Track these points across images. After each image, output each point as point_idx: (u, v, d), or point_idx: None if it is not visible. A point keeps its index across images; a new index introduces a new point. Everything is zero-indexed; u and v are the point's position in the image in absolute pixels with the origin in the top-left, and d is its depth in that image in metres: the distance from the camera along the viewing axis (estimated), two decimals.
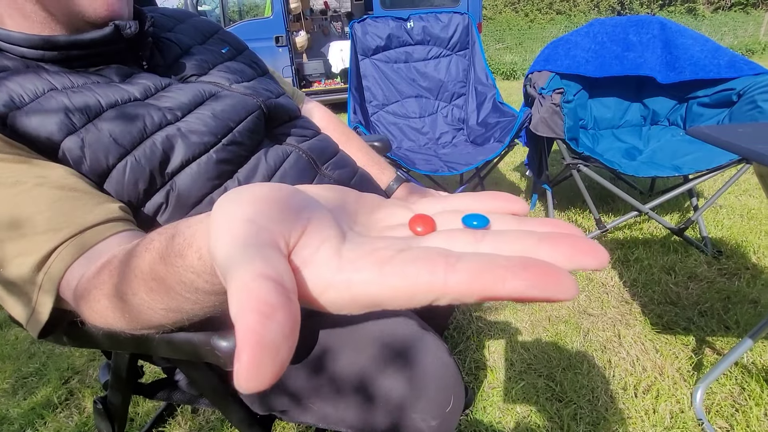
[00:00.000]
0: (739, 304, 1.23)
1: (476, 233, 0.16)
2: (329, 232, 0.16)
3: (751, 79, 1.40)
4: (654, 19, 1.68)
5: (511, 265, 0.13)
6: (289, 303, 0.12)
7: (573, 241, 0.14)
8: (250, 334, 0.11)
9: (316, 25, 5.07)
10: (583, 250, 0.14)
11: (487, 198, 0.19)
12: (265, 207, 0.15)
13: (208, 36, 0.61)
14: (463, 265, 0.13)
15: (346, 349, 0.49)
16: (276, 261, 0.14)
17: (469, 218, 0.17)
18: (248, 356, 0.11)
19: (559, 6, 11.37)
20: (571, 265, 0.14)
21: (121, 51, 0.47)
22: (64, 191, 0.37)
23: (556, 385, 1.01)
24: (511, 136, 1.60)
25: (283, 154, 0.54)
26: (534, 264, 0.13)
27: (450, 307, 0.88)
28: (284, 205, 0.16)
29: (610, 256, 0.15)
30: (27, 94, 0.40)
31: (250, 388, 0.11)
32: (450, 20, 2.02)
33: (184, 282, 0.21)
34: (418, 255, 0.14)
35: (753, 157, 0.59)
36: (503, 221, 0.18)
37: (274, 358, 0.11)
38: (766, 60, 7.58)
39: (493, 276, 0.13)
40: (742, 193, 1.98)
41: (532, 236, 0.15)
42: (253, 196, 0.16)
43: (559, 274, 0.13)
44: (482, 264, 0.13)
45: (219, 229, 0.15)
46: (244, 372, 0.11)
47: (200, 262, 0.19)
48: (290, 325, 0.12)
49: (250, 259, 0.13)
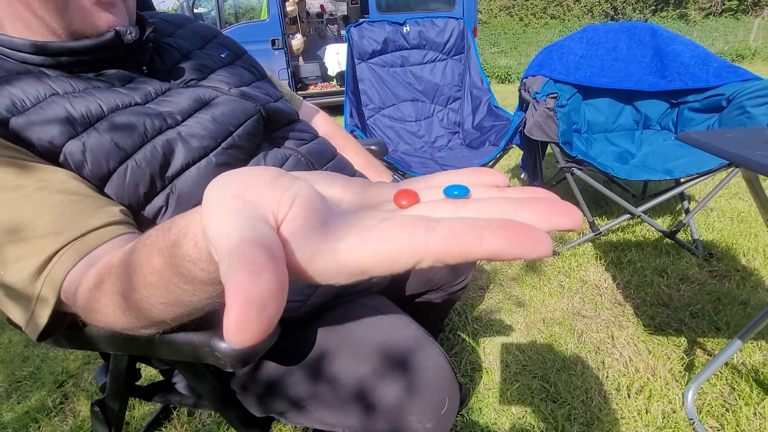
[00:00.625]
0: (730, 305, 1.25)
1: (457, 202, 0.17)
2: (316, 207, 0.16)
3: (739, 85, 1.43)
4: (646, 25, 1.71)
5: (489, 225, 0.14)
6: (276, 265, 0.13)
7: (549, 203, 0.15)
8: (238, 291, 0.12)
9: (312, 28, 5.08)
10: (559, 211, 0.15)
11: (470, 173, 0.20)
12: (253, 184, 0.16)
13: (207, 41, 0.62)
14: (442, 227, 0.14)
15: (344, 352, 0.50)
16: (265, 232, 0.14)
17: (450, 189, 0.18)
18: (237, 312, 0.12)
19: (553, 11, 11.49)
20: (547, 226, 0.15)
21: (121, 56, 0.48)
22: (66, 195, 0.38)
23: (550, 386, 1.02)
24: (506, 140, 1.62)
25: (281, 158, 0.55)
26: (511, 224, 0.14)
27: (445, 308, 0.89)
28: (272, 181, 0.16)
29: (582, 218, 0.15)
30: (29, 98, 0.40)
31: (240, 343, 0.12)
32: (446, 25, 2.04)
33: (182, 273, 0.21)
34: (400, 221, 0.15)
35: (739, 161, 0.61)
36: (483, 191, 0.19)
37: (260, 314, 0.12)
38: (755, 65, 7.70)
39: (471, 234, 0.13)
40: (732, 197, 2.02)
41: (510, 201, 0.16)
42: (243, 176, 0.17)
43: (534, 232, 0.13)
44: (461, 225, 0.14)
45: (211, 207, 0.16)
46: (233, 326, 0.12)
47: (195, 249, 0.19)
48: (278, 284, 0.12)
49: (239, 228, 0.14)
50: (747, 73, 1.48)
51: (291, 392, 0.51)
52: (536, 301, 1.36)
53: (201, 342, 0.39)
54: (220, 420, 0.98)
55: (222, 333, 0.12)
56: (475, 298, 1.39)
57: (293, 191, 0.16)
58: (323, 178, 0.20)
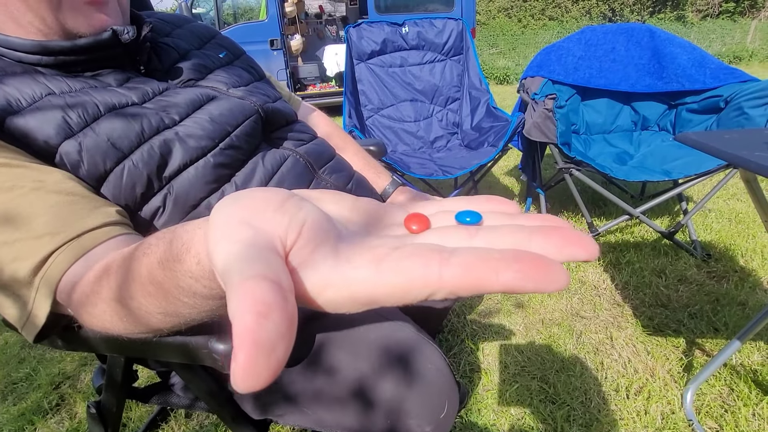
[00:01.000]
0: (728, 306, 1.25)
1: (469, 229, 0.17)
2: (326, 233, 0.16)
3: (737, 86, 1.43)
4: (644, 27, 1.72)
5: (503, 257, 0.13)
6: (286, 303, 0.13)
7: (563, 233, 0.15)
8: (246, 334, 0.11)
9: (311, 28, 5.08)
10: (574, 241, 0.15)
11: (481, 201, 0.20)
12: (261, 210, 0.16)
13: (205, 41, 0.61)
14: (456, 259, 0.14)
15: (343, 354, 0.50)
16: (273, 262, 0.14)
17: (462, 215, 0.18)
18: (245, 355, 0.11)
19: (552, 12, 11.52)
20: (562, 257, 0.14)
21: (118, 56, 0.47)
22: (62, 195, 0.38)
23: (549, 387, 1.02)
24: (504, 141, 1.62)
25: (280, 158, 0.55)
26: (526, 256, 0.13)
27: (444, 310, 0.89)
28: (280, 207, 0.16)
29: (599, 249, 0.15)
30: (24, 98, 0.40)
31: (247, 388, 0.11)
32: (444, 26, 2.04)
33: (182, 287, 0.21)
34: (412, 251, 0.15)
35: (738, 162, 0.61)
36: (495, 218, 0.18)
37: (269, 357, 0.11)
38: (752, 66, 7.74)
39: (486, 268, 0.13)
40: (730, 198, 2.02)
41: (524, 230, 0.16)
42: (250, 199, 0.16)
43: (550, 265, 0.13)
44: (475, 257, 0.14)
45: (217, 232, 0.15)
46: (240, 371, 0.11)
47: (198, 267, 0.19)
48: (286, 324, 0.12)
49: (248, 261, 0.13)
50: (744, 74, 1.48)
51: (288, 392, 0.51)
52: (535, 302, 1.36)
53: (198, 344, 0.39)
54: (218, 422, 0.98)
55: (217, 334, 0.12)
56: (473, 300, 1.38)
57: (301, 216, 0.16)
58: (330, 197, 0.19)
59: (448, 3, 4.18)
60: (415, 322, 0.56)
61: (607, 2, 11.19)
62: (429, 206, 0.20)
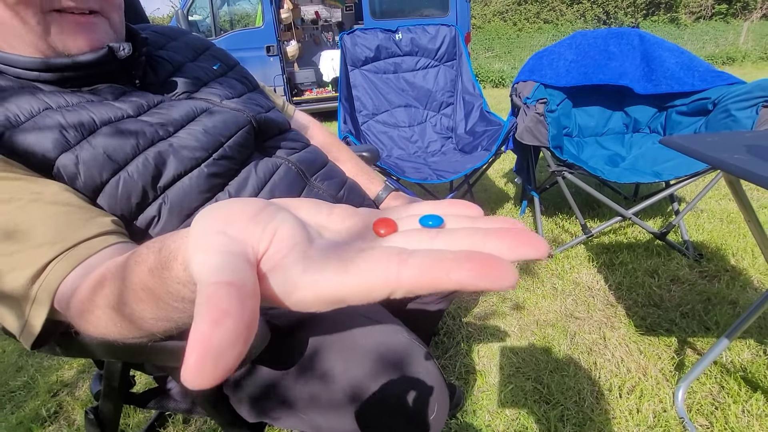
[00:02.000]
0: (719, 305, 1.27)
1: (431, 232, 0.18)
2: (297, 239, 0.17)
3: (725, 89, 1.46)
4: (633, 31, 1.75)
5: (456, 258, 0.15)
6: (243, 310, 0.14)
7: (515, 234, 0.16)
8: (198, 338, 0.13)
9: (307, 34, 5.12)
10: (524, 241, 0.16)
11: (446, 205, 0.21)
12: (236, 219, 0.17)
13: (199, 53, 0.63)
14: (413, 260, 0.15)
15: (337, 359, 0.51)
16: (241, 268, 0.15)
17: (426, 219, 0.19)
18: (194, 358, 0.12)
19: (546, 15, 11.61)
20: (513, 256, 0.16)
21: (114, 71, 0.49)
22: (58, 206, 0.39)
23: (543, 388, 1.03)
24: (497, 145, 1.64)
25: (272, 167, 0.56)
26: (477, 256, 0.15)
27: (438, 312, 0.90)
28: (254, 216, 0.17)
29: (550, 248, 0.16)
30: (23, 113, 0.42)
31: (194, 386, 0.13)
32: (437, 32, 2.06)
33: (171, 292, 0.22)
34: (375, 254, 0.16)
35: (718, 165, 0.63)
36: (457, 221, 0.20)
37: (217, 362, 0.13)
38: (746, 67, 7.81)
39: (439, 269, 0.14)
40: (721, 198, 2.04)
41: (480, 232, 0.17)
42: (227, 210, 0.18)
43: (499, 264, 0.14)
44: (431, 259, 0.15)
45: (195, 242, 0.17)
46: (189, 371, 0.12)
47: (185, 273, 0.20)
48: (237, 332, 0.13)
49: (216, 268, 0.15)
50: (731, 77, 1.51)
51: (284, 397, 0.52)
52: (530, 303, 1.37)
53: None
54: (216, 426, 0.99)
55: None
56: (468, 302, 1.40)
57: (274, 225, 0.17)
58: (308, 205, 0.21)
59: (443, 8, 4.22)
60: (410, 325, 0.57)
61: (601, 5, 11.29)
62: (399, 211, 0.22)
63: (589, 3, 11.44)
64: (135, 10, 0.77)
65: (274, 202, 0.19)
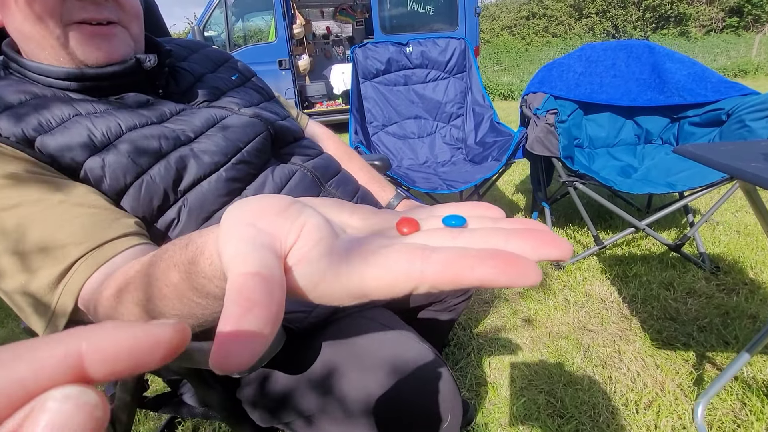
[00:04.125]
0: (738, 319, 1.23)
1: (453, 231, 0.18)
2: (323, 234, 0.18)
3: (739, 99, 1.44)
4: (642, 43, 1.75)
5: (479, 255, 0.15)
6: (271, 300, 0.14)
7: (538, 234, 0.16)
8: (228, 324, 0.13)
9: (318, 48, 5.23)
10: (548, 242, 0.16)
11: (469, 206, 0.21)
12: (266, 213, 0.18)
13: (219, 64, 0.65)
14: (437, 256, 0.15)
15: (350, 365, 0.51)
16: (269, 260, 0.16)
17: (448, 218, 0.19)
18: (222, 342, 0.13)
19: (555, 29, 11.70)
20: (536, 256, 0.16)
21: (139, 81, 0.51)
22: (84, 208, 0.40)
23: (557, 402, 1.01)
24: (507, 155, 1.64)
25: (288, 173, 0.57)
26: (500, 254, 0.15)
27: (449, 322, 0.90)
28: (283, 210, 0.18)
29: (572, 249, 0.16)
30: (54, 119, 0.43)
31: (220, 370, 0.13)
32: (447, 45, 2.09)
33: (196, 288, 0.23)
34: (398, 249, 0.16)
35: (734, 173, 0.62)
36: (479, 222, 0.20)
37: (245, 348, 0.13)
38: (759, 79, 7.73)
39: (463, 264, 0.15)
40: (738, 210, 2.01)
41: (503, 232, 0.17)
42: (257, 204, 0.18)
43: (523, 262, 0.14)
44: (454, 255, 0.15)
45: (225, 232, 0.17)
46: (217, 355, 0.13)
47: (211, 267, 0.21)
48: (265, 321, 0.14)
49: (245, 258, 0.15)
50: (745, 88, 1.50)
51: (297, 404, 0.52)
52: (541, 315, 1.35)
53: (207, 348, 0.40)
54: (229, 429, 0.98)
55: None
56: (479, 313, 1.38)
57: (302, 220, 0.18)
58: (331, 204, 0.21)
59: (452, 22, 4.28)
60: (421, 335, 0.57)
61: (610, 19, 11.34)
62: (421, 212, 0.22)
63: (597, 17, 11.50)
64: (158, 24, 0.80)
65: (300, 200, 0.20)
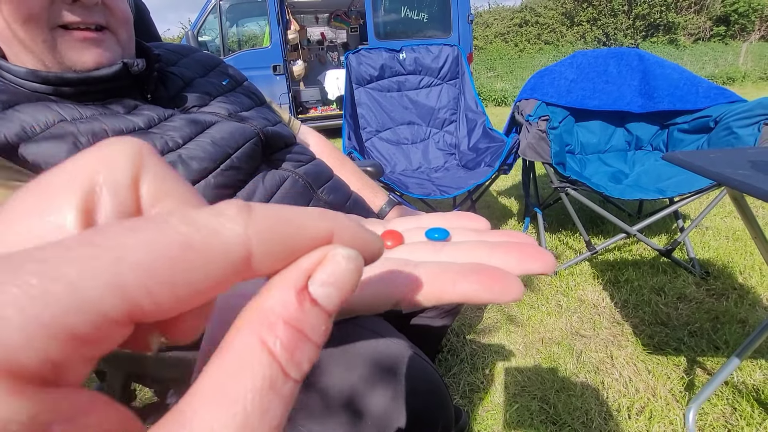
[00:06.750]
0: (728, 324, 1.24)
1: (436, 245, 0.18)
2: None
3: (726, 107, 1.47)
4: (632, 51, 1.78)
5: (462, 270, 0.15)
6: None
7: (522, 248, 0.16)
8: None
9: (312, 54, 5.25)
10: (531, 255, 0.16)
11: (453, 217, 0.21)
12: None
13: (209, 69, 0.65)
14: (419, 271, 0.15)
15: (335, 368, 0.50)
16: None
17: (431, 231, 0.19)
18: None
19: (547, 37, 11.86)
20: (519, 269, 0.15)
21: (127, 86, 0.51)
22: None
23: (550, 408, 1.01)
24: (500, 161, 1.65)
25: (280, 179, 0.57)
26: (483, 269, 0.15)
27: (442, 329, 0.89)
28: None
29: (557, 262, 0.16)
30: (38, 125, 0.43)
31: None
32: (440, 51, 2.11)
33: None
34: (381, 264, 0.16)
35: (721, 180, 0.63)
36: (463, 234, 0.19)
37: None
38: (746, 87, 7.89)
39: (444, 280, 0.15)
40: (726, 215, 2.03)
41: (486, 245, 0.17)
42: None
43: (505, 277, 0.14)
44: (436, 270, 0.15)
45: None
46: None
47: None
48: None
49: None
50: (733, 94, 1.52)
51: None
52: (534, 320, 1.35)
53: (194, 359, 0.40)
54: None
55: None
56: (472, 319, 1.38)
57: None
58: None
59: (445, 29, 4.32)
60: (414, 341, 0.56)
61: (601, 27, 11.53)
62: (405, 222, 0.22)
63: (588, 25, 11.69)
64: (148, 29, 0.80)
65: None
